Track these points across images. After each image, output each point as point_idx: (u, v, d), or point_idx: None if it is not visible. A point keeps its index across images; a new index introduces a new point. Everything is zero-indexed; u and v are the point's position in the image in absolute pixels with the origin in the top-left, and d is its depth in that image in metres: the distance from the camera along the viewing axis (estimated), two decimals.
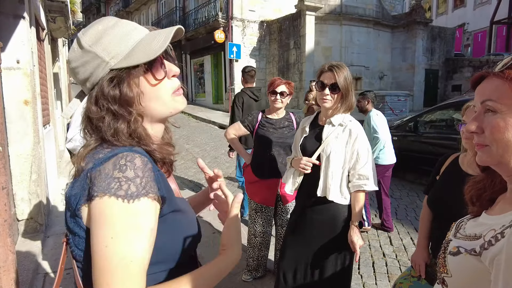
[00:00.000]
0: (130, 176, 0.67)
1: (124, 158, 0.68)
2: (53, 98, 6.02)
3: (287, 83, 2.64)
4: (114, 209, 0.65)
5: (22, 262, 2.78)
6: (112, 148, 0.73)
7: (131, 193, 0.66)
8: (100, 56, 0.73)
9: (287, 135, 2.67)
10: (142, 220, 0.67)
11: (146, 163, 0.70)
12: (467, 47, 23.65)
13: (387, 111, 10.46)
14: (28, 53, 3.26)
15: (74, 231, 0.71)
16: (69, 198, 0.71)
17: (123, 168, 0.67)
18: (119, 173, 0.66)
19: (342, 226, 1.87)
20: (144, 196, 0.67)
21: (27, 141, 3.23)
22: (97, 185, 0.66)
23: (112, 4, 30.07)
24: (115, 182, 0.66)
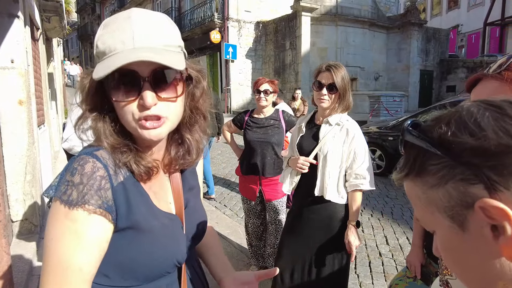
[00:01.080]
0: (76, 182, 0.65)
1: (78, 161, 0.67)
2: (48, 98, 5.98)
3: (270, 82, 2.70)
4: (57, 212, 0.65)
5: (16, 264, 2.75)
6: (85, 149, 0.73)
7: (72, 199, 0.64)
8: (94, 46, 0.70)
9: (270, 134, 2.71)
10: (82, 229, 0.65)
11: (95, 170, 0.67)
12: (461, 48, 23.87)
13: (383, 111, 10.51)
14: (23, 52, 3.23)
15: None
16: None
17: (73, 171, 0.66)
18: (69, 176, 0.66)
19: (339, 225, 1.87)
20: (82, 205, 0.64)
21: (21, 141, 3.20)
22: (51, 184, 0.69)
23: (108, 4, 29.93)
24: (64, 185, 0.66)
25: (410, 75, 15.54)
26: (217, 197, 5.06)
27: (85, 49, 37.18)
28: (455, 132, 0.38)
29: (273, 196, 2.72)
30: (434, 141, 0.40)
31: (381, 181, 5.88)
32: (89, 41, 34.49)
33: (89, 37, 34.09)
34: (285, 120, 2.77)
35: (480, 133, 0.37)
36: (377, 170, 6.28)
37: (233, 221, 4.15)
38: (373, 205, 4.80)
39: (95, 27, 33.43)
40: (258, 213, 2.87)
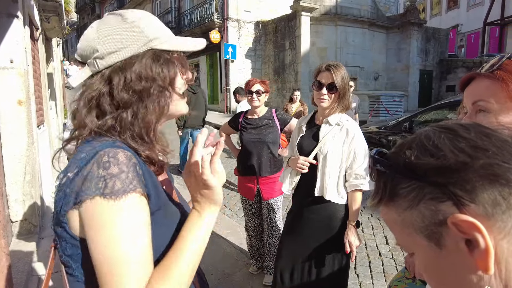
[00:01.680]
0: (115, 172, 0.64)
1: (107, 155, 0.65)
2: (47, 98, 5.97)
3: (261, 82, 2.71)
4: (104, 209, 0.62)
5: (16, 264, 2.74)
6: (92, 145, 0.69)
7: (118, 189, 0.63)
8: (144, 32, 0.72)
9: (264, 133, 2.72)
10: (134, 216, 0.65)
11: (129, 158, 0.67)
12: (461, 48, 23.87)
13: (382, 111, 10.52)
14: (22, 52, 3.22)
15: (61, 236, 0.69)
16: (55, 202, 0.68)
17: (106, 165, 0.64)
18: (103, 171, 0.64)
19: (339, 225, 1.87)
20: (132, 192, 0.65)
21: (21, 141, 3.20)
22: (84, 188, 0.63)
23: (107, 4, 29.90)
24: (101, 182, 0.63)
25: (410, 75, 15.54)
26: None
27: None
28: (418, 155, 0.41)
29: (270, 194, 2.74)
30: (400, 166, 0.43)
31: None
32: None
33: None
34: (278, 119, 2.79)
35: (439, 153, 0.40)
36: None
37: (233, 221, 4.14)
38: None
39: None
40: (257, 213, 2.88)
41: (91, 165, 0.65)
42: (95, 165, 0.64)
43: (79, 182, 0.64)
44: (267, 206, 2.77)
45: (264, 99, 2.74)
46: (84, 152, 0.68)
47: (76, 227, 0.66)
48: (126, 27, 0.72)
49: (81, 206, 0.63)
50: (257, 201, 2.84)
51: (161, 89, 0.74)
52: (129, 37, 0.72)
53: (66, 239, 0.68)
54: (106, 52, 0.71)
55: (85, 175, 0.64)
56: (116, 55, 0.72)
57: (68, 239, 0.68)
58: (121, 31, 0.72)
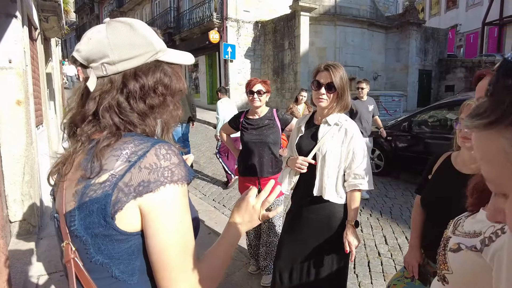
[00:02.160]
0: (177, 162, 0.71)
1: (163, 148, 0.71)
2: (46, 98, 5.96)
3: (263, 82, 2.69)
4: (174, 195, 0.69)
5: (15, 265, 2.74)
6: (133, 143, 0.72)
7: (183, 175, 0.71)
8: (154, 44, 0.77)
9: (266, 134, 2.70)
10: (187, 200, 0.75)
11: (177, 149, 0.76)
12: (460, 48, 23.89)
13: (382, 111, 10.51)
14: (21, 52, 3.22)
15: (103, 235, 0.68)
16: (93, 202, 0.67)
17: (167, 156, 0.70)
18: (166, 162, 0.70)
19: (338, 225, 1.87)
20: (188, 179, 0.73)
21: (19, 141, 3.19)
22: (148, 179, 0.67)
23: (106, 4, 29.86)
24: (167, 171, 0.69)
25: (409, 74, 15.54)
26: (216, 197, 5.06)
27: None
28: None
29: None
30: None
31: (380, 181, 5.88)
32: None
33: None
34: (279, 119, 2.77)
35: None
36: (376, 170, 6.28)
37: None
38: (372, 204, 4.80)
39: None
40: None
41: (151, 158, 0.69)
42: (155, 157, 0.69)
43: (140, 174, 0.68)
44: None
45: (266, 99, 2.72)
46: (124, 148, 0.71)
47: (129, 221, 0.68)
48: (137, 37, 0.76)
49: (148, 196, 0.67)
50: None
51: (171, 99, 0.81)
52: (141, 47, 0.76)
53: (109, 237, 0.68)
54: (118, 59, 0.74)
55: (147, 168, 0.68)
56: (127, 63, 0.75)
57: (113, 237, 0.68)
58: (133, 40, 0.75)
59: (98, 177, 0.69)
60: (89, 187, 0.69)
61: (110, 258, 0.69)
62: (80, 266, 0.71)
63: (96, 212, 0.67)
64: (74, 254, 0.71)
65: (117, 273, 0.70)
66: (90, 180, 0.69)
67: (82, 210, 0.69)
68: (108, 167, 0.69)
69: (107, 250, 0.69)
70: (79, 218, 0.69)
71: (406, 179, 6.05)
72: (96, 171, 0.69)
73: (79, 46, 0.76)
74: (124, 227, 0.68)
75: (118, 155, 0.70)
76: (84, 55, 0.75)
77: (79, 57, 0.75)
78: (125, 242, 0.69)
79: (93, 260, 0.69)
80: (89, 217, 0.68)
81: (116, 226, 0.67)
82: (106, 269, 0.70)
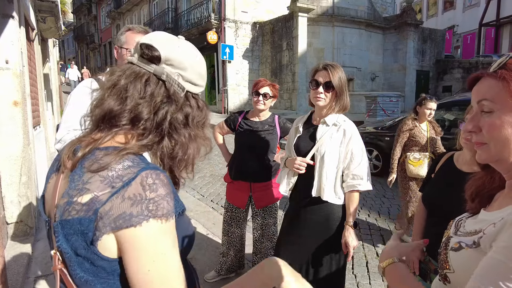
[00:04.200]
0: (164, 194, 0.66)
1: (150, 177, 0.65)
2: (44, 99, 5.94)
3: (271, 85, 2.55)
4: (154, 231, 0.64)
5: (11, 266, 2.72)
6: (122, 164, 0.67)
7: (169, 210, 0.65)
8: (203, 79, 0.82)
9: (265, 140, 2.58)
10: (174, 236, 0.68)
11: (168, 178, 0.69)
12: (457, 49, 23.99)
13: (379, 111, 10.53)
14: (18, 53, 3.21)
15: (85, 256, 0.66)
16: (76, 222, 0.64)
17: (153, 187, 0.65)
18: (152, 194, 0.64)
19: (337, 226, 1.87)
20: (175, 212, 0.68)
21: (16, 142, 3.18)
22: (131, 211, 0.62)
23: (104, 5, 29.83)
24: (151, 204, 0.64)
25: (407, 75, 15.59)
26: (214, 198, 5.05)
27: (81, 50, 37.01)
28: None
29: (264, 202, 2.62)
30: None
31: (378, 181, 5.89)
32: (85, 42, 34.34)
33: (85, 38, 33.95)
34: (280, 126, 2.66)
35: None
36: (374, 170, 6.29)
37: None
38: (370, 205, 4.81)
39: (91, 28, 33.31)
40: (241, 222, 2.73)
41: (136, 187, 0.64)
42: (140, 187, 0.64)
43: (122, 205, 0.62)
44: (262, 213, 2.65)
45: (271, 104, 2.58)
46: (111, 170, 0.66)
47: (110, 249, 0.65)
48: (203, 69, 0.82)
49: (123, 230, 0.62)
50: (245, 210, 2.70)
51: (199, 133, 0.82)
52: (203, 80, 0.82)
53: (93, 259, 0.66)
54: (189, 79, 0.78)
55: (130, 198, 0.63)
56: (192, 87, 0.80)
57: (96, 260, 0.66)
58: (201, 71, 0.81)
59: (80, 195, 0.65)
60: (71, 204, 0.65)
61: (94, 276, 0.67)
62: (67, 276, 0.70)
63: (79, 234, 0.65)
64: (61, 265, 0.71)
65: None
66: (72, 197, 0.66)
67: (65, 228, 0.66)
68: (91, 187, 0.65)
69: (91, 269, 0.67)
70: (63, 234, 0.67)
71: None
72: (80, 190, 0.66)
73: (159, 43, 0.75)
74: (105, 253, 0.65)
75: (104, 176, 0.65)
76: (165, 54, 0.74)
77: (159, 52, 0.74)
78: (108, 265, 0.67)
79: (78, 277, 0.68)
80: (72, 237, 0.66)
81: (98, 252, 0.65)
82: (91, 286, 0.68)
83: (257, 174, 2.60)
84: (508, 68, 0.68)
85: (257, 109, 2.58)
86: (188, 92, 0.79)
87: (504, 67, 0.68)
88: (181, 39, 0.81)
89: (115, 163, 0.66)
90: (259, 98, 2.51)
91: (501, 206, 0.72)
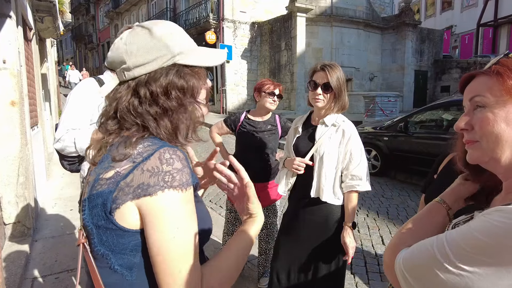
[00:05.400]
0: (179, 167, 0.71)
1: (168, 152, 0.72)
2: (41, 99, 5.92)
3: (279, 86, 2.58)
4: (173, 201, 0.69)
5: (9, 267, 2.71)
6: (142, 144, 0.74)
7: (184, 181, 0.71)
8: (170, 48, 0.77)
9: (268, 139, 2.60)
10: (193, 207, 0.74)
11: (184, 155, 0.75)
12: (455, 49, 24.04)
13: (378, 111, 10.55)
14: (15, 53, 3.19)
15: (104, 227, 0.71)
16: (98, 196, 0.71)
17: (170, 161, 0.71)
18: (168, 167, 0.70)
19: (336, 226, 1.87)
20: (191, 184, 0.73)
21: (14, 143, 3.16)
22: (148, 182, 0.68)
23: (102, 5, 29.76)
24: (168, 176, 0.69)
25: (405, 75, 15.62)
26: (213, 198, 5.04)
27: (80, 50, 36.91)
28: None
29: (267, 202, 2.64)
30: None
31: (376, 181, 5.90)
32: (83, 42, 34.25)
33: (83, 38, 33.86)
34: (281, 126, 2.68)
35: None
36: (372, 170, 6.30)
37: None
38: (369, 205, 4.81)
39: (89, 28, 33.22)
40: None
41: (154, 161, 0.70)
42: (158, 161, 0.70)
43: (141, 176, 0.69)
44: (267, 212, 2.66)
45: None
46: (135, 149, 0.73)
47: (128, 219, 0.70)
48: (153, 41, 0.77)
49: (143, 200, 0.68)
50: None
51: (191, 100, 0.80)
52: (155, 52, 0.77)
53: (111, 230, 0.71)
54: (132, 65, 0.77)
55: (149, 170, 0.69)
56: (142, 68, 0.77)
57: (114, 231, 0.71)
58: (148, 45, 0.77)
59: (106, 172, 0.72)
60: (97, 181, 0.72)
61: (111, 250, 0.72)
62: (88, 251, 0.75)
63: (100, 205, 0.71)
64: (84, 240, 0.77)
65: (116, 266, 0.72)
66: (99, 174, 0.73)
67: (90, 202, 0.73)
68: (115, 165, 0.72)
69: (108, 242, 0.72)
70: (88, 208, 0.73)
71: (402, 179, 6.07)
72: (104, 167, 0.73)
73: (108, 53, 0.82)
74: (123, 223, 0.70)
75: (126, 154, 0.72)
76: (109, 61, 0.80)
77: (107, 63, 0.81)
78: (125, 237, 0.71)
79: (95, 250, 0.73)
80: (94, 209, 0.72)
81: (115, 221, 0.70)
82: (107, 260, 0.73)
83: (261, 174, 2.61)
84: (501, 64, 0.68)
85: (268, 109, 2.57)
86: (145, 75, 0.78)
87: (497, 63, 0.69)
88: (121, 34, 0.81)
89: (136, 143, 0.74)
90: (275, 98, 2.52)
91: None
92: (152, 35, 0.77)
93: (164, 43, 0.77)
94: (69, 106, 1.84)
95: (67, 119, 1.82)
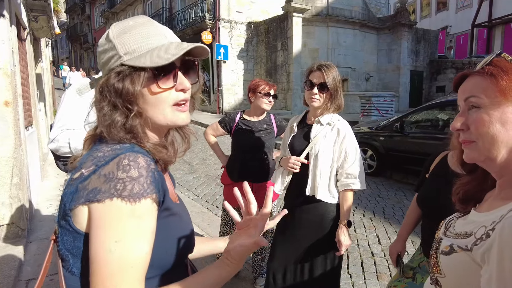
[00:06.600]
0: (134, 176, 0.66)
1: (127, 159, 0.68)
2: (36, 99, 5.87)
3: (274, 86, 2.60)
4: (119, 211, 0.64)
5: (3, 269, 2.68)
6: (111, 147, 0.71)
7: (136, 192, 0.65)
8: (117, 48, 0.75)
9: (264, 139, 2.60)
10: (145, 222, 0.67)
11: (149, 163, 0.70)
12: (450, 49, 24.20)
13: (374, 111, 10.58)
14: (8, 52, 3.16)
15: (64, 228, 0.71)
16: (64, 196, 0.71)
17: (126, 168, 0.66)
18: (123, 174, 0.66)
19: (331, 225, 1.87)
20: (148, 196, 0.67)
21: (7, 143, 3.13)
22: (100, 187, 0.65)
23: (97, 5, 29.62)
24: (120, 183, 0.65)
25: (401, 75, 15.69)
26: (209, 198, 5.03)
27: (75, 50, 36.70)
28: None
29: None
30: None
31: (372, 181, 5.91)
32: (79, 42, 34.06)
33: (78, 38, 33.66)
34: (277, 125, 2.68)
35: None
36: (368, 170, 6.32)
37: None
38: (365, 204, 4.82)
39: (85, 28, 33.04)
40: None
41: (112, 166, 0.66)
42: (115, 167, 0.66)
43: (96, 181, 0.66)
44: None
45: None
46: (101, 151, 0.71)
47: (81, 222, 0.67)
48: (107, 43, 0.76)
49: (92, 204, 0.65)
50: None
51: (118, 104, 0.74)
52: (108, 55, 0.76)
53: (69, 231, 0.70)
54: (100, 67, 0.79)
55: (104, 175, 0.66)
56: (104, 70, 0.78)
57: (71, 232, 0.69)
58: (104, 48, 0.77)
59: (75, 173, 0.71)
60: (69, 181, 0.72)
61: (70, 252, 0.71)
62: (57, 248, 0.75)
63: (62, 205, 0.71)
64: (53, 237, 0.77)
65: (74, 269, 0.71)
66: (72, 175, 0.72)
67: (60, 201, 0.73)
68: (84, 166, 0.70)
69: (67, 244, 0.71)
70: (59, 207, 0.73)
71: (398, 179, 6.09)
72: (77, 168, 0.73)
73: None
74: (78, 225, 0.68)
75: (94, 156, 0.71)
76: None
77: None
78: (79, 240, 0.69)
79: (59, 249, 0.73)
80: (60, 208, 0.72)
81: (71, 223, 0.68)
82: (67, 261, 0.72)
83: (258, 174, 2.61)
84: (494, 64, 0.69)
85: (264, 109, 2.58)
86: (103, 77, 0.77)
87: (490, 64, 0.69)
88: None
89: (106, 146, 0.72)
90: (270, 99, 2.54)
91: (492, 207, 0.71)
92: (107, 35, 0.77)
93: (113, 44, 0.75)
94: (63, 106, 1.83)
95: (61, 119, 1.81)
